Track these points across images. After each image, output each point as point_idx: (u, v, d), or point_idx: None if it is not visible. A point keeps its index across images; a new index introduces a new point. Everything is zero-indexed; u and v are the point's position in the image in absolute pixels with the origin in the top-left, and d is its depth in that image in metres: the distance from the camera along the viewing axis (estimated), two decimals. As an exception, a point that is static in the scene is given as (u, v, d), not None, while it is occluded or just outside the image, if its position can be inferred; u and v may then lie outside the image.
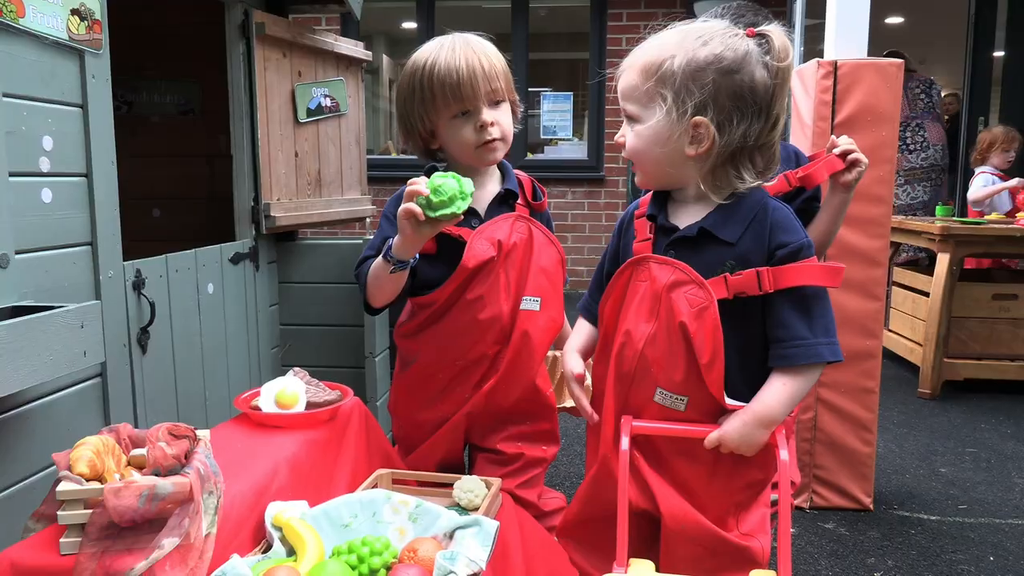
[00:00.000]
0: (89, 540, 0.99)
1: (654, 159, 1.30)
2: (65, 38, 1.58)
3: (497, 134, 1.58)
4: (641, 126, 1.29)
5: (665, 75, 1.24)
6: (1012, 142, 4.94)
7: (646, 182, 1.37)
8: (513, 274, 1.61)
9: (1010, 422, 3.56)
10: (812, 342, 1.26)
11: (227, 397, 2.31)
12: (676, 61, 1.24)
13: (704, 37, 1.24)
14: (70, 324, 1.41)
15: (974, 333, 3.94)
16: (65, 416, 1.60)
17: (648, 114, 1.28)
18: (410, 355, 1.70)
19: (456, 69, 1.51)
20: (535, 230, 1.65)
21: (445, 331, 1.63)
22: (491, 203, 1.66)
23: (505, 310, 1.61)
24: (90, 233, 1.68)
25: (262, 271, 2.53)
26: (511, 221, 1.63)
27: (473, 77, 1.52)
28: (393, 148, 8.13)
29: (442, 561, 1.13)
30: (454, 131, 1.58)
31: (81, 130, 1.65)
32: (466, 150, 1.59)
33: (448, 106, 1.55)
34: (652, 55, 1.26)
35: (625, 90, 1.31)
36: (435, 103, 1.55)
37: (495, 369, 1.64)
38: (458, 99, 1.53)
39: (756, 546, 1.35)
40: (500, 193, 1.66)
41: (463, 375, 1.65)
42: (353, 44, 2.91)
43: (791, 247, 1.26)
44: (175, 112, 3.05)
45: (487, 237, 1.59)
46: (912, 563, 2.25)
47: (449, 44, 1.56)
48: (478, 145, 1.58)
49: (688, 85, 1.23)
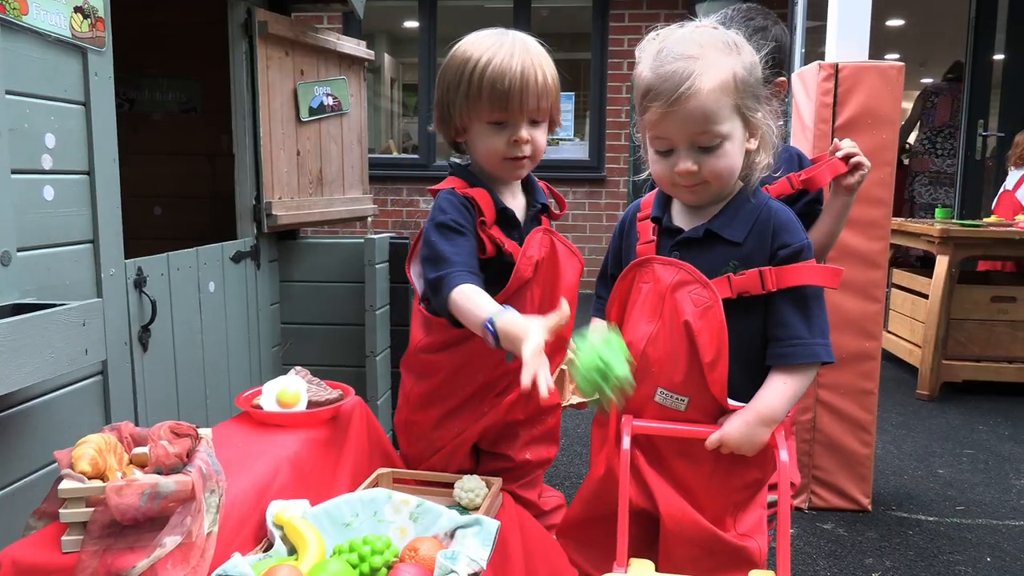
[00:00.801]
0: (91, 538, 1.00)
1: (736, 170, 1.31)
2: (68, 36, 1.58)
3: (528, 152, 1.50)
4: (730, 143, 1.26)
5: (744, 84, 1.26)
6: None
7: (713, 197, 1.33)
8: (539, 291, 1.55)
9: (1008, 424, 3.57)
10: (810, 342, 1.29)
11: (228, 396, 2.32)
12: (741, 69, 1.26)
13: (728, 40, 1.28)
14: (72, 322, 1.42)
15: (973, 335, 3.94)
16: (66, 414, 1.60)
17: (734, 129, 1.27)
18: (430, 371, 1.60)
19: (509, 76, 1.42)
20: (557, 243, 1.59)
21: (471, 350, 1.53)
22: (526, 218, 1.60)
23: None
24: (92, 231, 1.69)
25: (263, 270, 2.53)
26: (539, 236, 1.55)
27: (524, 90, 1.43)
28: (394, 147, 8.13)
29: (443, 560, 1.13)
30: (486, 136, 1.50)
31: (84, 128, 1.65)
32: (493, 159, 1.52)
33: (489, 111, 1.47)
34: (719, 72, 1.23)
35: (708, 115, 1.23)
36: (478, 103, 1.46)
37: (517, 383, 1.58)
38: (502, 108, 1.45)
39: (753, 546, 1.36)
40: (537, 208, 1.61)
41: (482, 391, 1.58)
42: (355, 43, 2.91)
43: (793, 247, 1.29)
44: (177, 110, 3.06)
45: (527, 255, 1.52)
46: (910, 564, 2.25)
47: (509, 45, 1.46)
48: (506, 158, 1.50)
49: (757, 88, 1.28)
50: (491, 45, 1.46)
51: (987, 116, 6.30)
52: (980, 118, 6.25)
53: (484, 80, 1.43)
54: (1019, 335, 3.92)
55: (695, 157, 1.27)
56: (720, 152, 1.26)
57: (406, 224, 6.87)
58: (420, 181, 6.85)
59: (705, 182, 1.29)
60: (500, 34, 1.49)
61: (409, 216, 6.91)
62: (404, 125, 9.38)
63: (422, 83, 6.93)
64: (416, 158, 7.13)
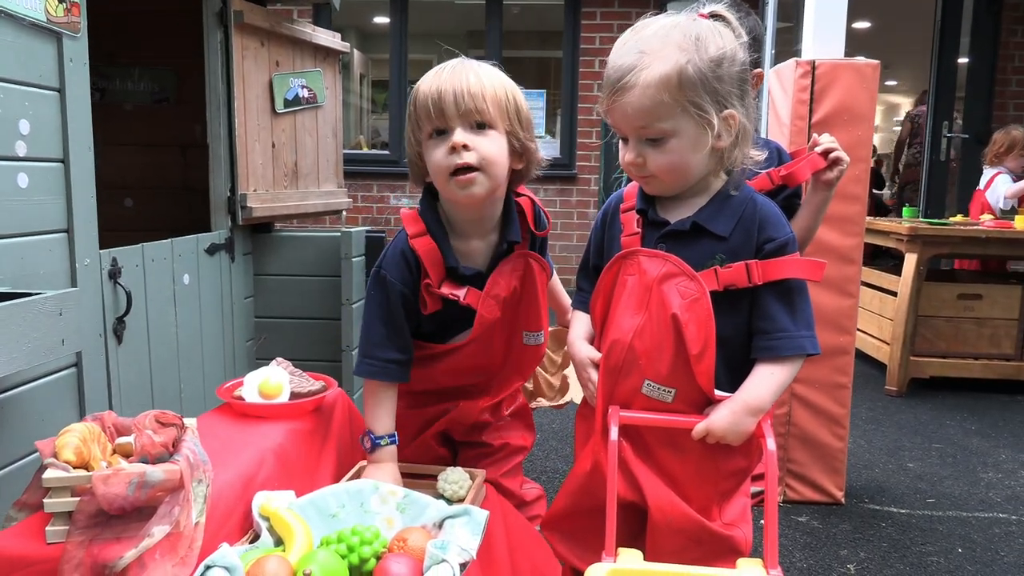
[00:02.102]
0: (77, 528, 0.97)
1: (690, 167, 1.29)
2: (43, 20, 1.55)
3: (471, 160, 1.39)
4: (675, 140, 1.25)
5: (689, 83, 1.22)
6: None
7: (669, 190, 1.34)
8: (508, 316, 1.54)
9: (974, 419, 3.64)
10: (796, 334, 1.30)
11: (202, 389, 2.28)
12: (695, 66, 1.22)
13: (699, 36, 1.24)
14: (48, 311, 1.38)
15: (940, 332, 4.01)
16: (40, 407, 1.57)
17: (681, 126, 1.25)
18: None
19: (440, 86, 1.40)
20: (534, 264, 1.56)
21: (435, 372, 1.57)
22: (492, 259, 1.54)
23: (503, 349, 1.57)
24: (66, 220, 1.65)
25: (237, 263, 2.50)
26: (509, 267, 1.53)
27: (457, 94, 1.39)
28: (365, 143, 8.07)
29: (433, 550, 1.13)
30: (430, 153, 1.44)
31: (58, 115, 1.62)
32: (439, 177, 1.43)
33: (427, 123, 1.42)
34: (664, 68, 1.22)
35: (644, 110, 1.24)
36: (418, 121, 1.44)
37: (486, 392, 1.61)
38: (434, 116, 1.40)
39: (739, 535, 1.37)
40: (503, 249, 1.54)
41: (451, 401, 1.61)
42: (331, 35, 2.88)
43: (779, 241, 1.30)
44: (149, 101, 3.00)
45: (492, 296, 1.50)
46: (884, 555, 2.28)
47: (449, 65, 1.44)
48: (450, 171, 1.40)
49: (716, 85, 1.24)
50: (434, 70, 1.45)
51: (952, 118, 6.42)
52: (945, 120, 6.37)
53: (419, 95, 1.42)
54: (984, 332, 4.00)
55: (639, 149, 1.29)
56: (665, 147, 1.26)
57: (376, 220, 6.82)
58: (390, 178, 6.81)
59: (653, 175, 1.30)
60: (446, 63, 1.47)
61: (379, 213, 6.87)
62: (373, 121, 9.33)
63: (392, 79, 6.89)
64: (387, 154, 7.09)
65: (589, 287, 1.46)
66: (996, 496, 2.75)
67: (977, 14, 6.37)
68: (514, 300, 1.55)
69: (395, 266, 1.49)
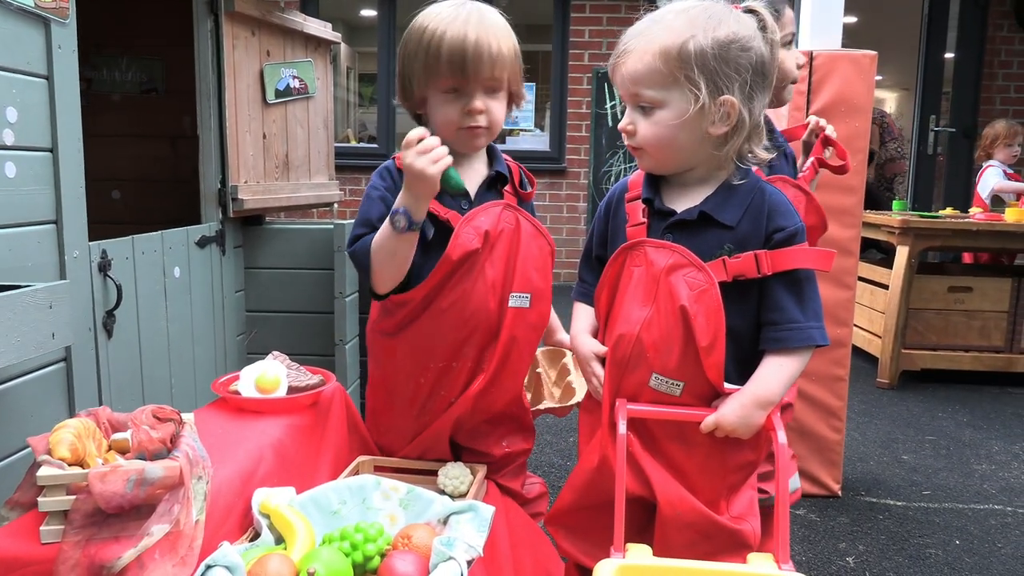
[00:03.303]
0: (73, 527, 0.94)
1: (678, 144, 1.27)
2: (31, 5, 1.50)
3: (483, 123, 1.48)
4: (664, 112, 1.25)
5: (690, 57, 1.21)
6: (1015, 136, 4.94)
7: (657, 167, 1.33)
8: (499, 268, 1.50)
9: (965, 410, 3.65)
10: (805, 325, 1.28)
11: (193, 384, 2.24)
12: (697, 42, 1.21)
13: (715, 17, 1.23)
14: (39, 304, 1.34)
15: (930, 324, 4.02)
16: (27, 403, 1.52)
17: (672, 98, 1.24)
18: (386, 357, 1.57)
19: (462, 45, 1.41)
20: (523, 220, 1.54)
21: (424, 330, 1.50)
22: (480, 186, 1.55)
23: (491, 307, 1.49)
24: (55, 211, 1.61)
25: (228, 255, 2.46)
26: (499, 210, 1.51)
27: (477, 58, 1.42)
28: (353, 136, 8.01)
29: (440, 547, 1.10)
30: (442, 106, 1.48)
31: (47, 102, 1.57)
32: (448, 128, 1.49)
33: (444, 79, 1.45)
34: (668, 38, 1.22)
35: (638, 75, 1.25)
36: (433, 72, 1.45)
37: (482, 370, 1.52)
38: (455, 75, 1.44)
39: (748, 529, 1.35)
40: (491, 176, 1.56)
41: (447, 378, 1.53)
42: (321, 25, 2.84)
43: (788, 231, 1.28)
44: (137, 91, 2.94)
45: (474, 226, 1.47)
46: (882, 548, 2.28)
47: (465, 15, 1.45)
48: (460, 127, 1.49)
49: (716, 65, 1.22)
50: (448, 15, 1.45)
51: (939, 112, 6.44)
52: (932, 114, 6.39)
53: (441, 49, 1.42)
54: (974, 324, 4.01)
55: (633, 115, 1.30)
56: (654, 117, 1.26)
57: (365, 214, 6.77)
58: (379, 171, 6.76)
59: (641, 148, 1.30)
60: (458, 5, 1.47)
61: (368, 206, 6.82)
62: (360, 115, 9.26)
63: (381, 72, 6.83)
64: (375, 147, 7.03)
65: (592, 278, 1.43)
66: (991, 488, 2.75)
67: (964, 9, 6.40)
68: (502, 248, 1.50)
69: (381, 179, 1.52)
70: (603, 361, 1.35)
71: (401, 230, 1.38)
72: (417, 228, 1.40)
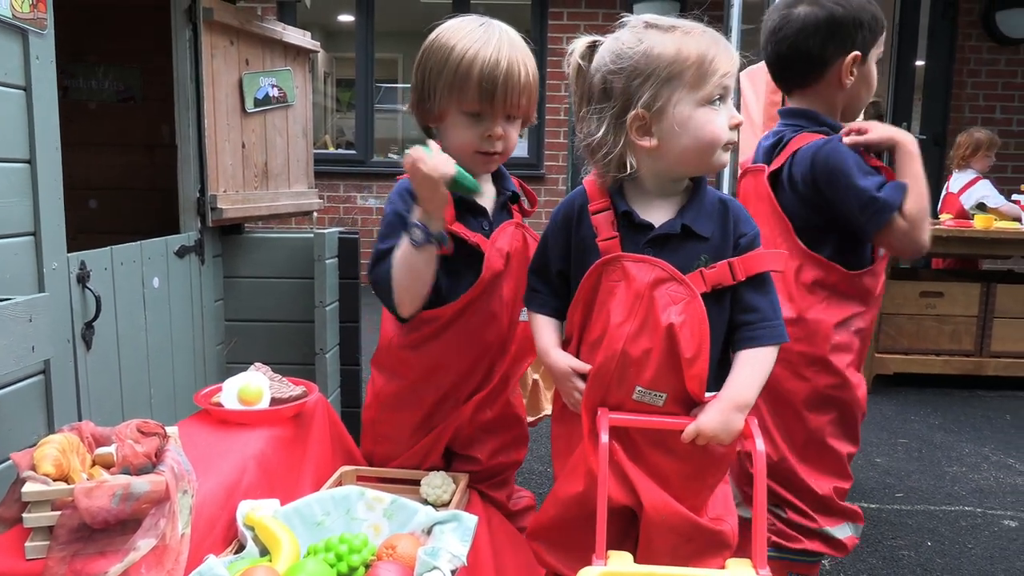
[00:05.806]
0: (58, 543, 0.94)
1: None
2: (8, 16, 1.50)
3: (500, 148, 1.51)
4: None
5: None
6: (994, 147, 4.92)
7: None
8: (513, 286, 1.54)
9: (937, 414, 3.71)
10: (776, 323, 1.33)
11: (172, 394, 2.23)
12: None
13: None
14: (18, 317, 1.34)
15: (902, 329, 4.08)
16: (6, 416, 1.51)
17: None
18: (404, 370, 1.57)
19: (494, 72, 1.41)
20: (529, 239, 1.58)
21: (445, 346, 1.52)
22: (495, 206, 1.58)
23: (504, 324, 1.54)
24: (33, 222, 1.60)
25: (207, 265, 2.45)
26: (511, 229, 1.55)
27: (507, 85, 1.43)
28: (331, 142, 7.99)
29: (424, 557, 1.11)
30: (461, 127, 1.48)
31: (24, 113, 1.57)
32: (464, 151, 1.49)
33: (469, 101, 1.45)
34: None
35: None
36: (459, 92, 1.44)
37: (488, 381, 1.57)
38: (482, 100, 1.44)
39: (727, 529, 1.38)
40: (507, 196, 1.58)
41: (456, 389, 1.57)
42: (301, 33, 2.84)
43: (750, 235, 1.33)
44: (115, 99, 2.93)
45: (497, 248, 1.51)
46: (856, 550, 2.29)
47: (496, 39, 1.44)
48: (477, 151, 1.50)
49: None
50: (478, 37, 1.44)
51: (910, 119, 6.54)
52: (904, 121, 6.49)
53: (470, 71, 1.42)
54: (945, 329, 4.08)
55: None
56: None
57: (343, 221, 6.76)
58: (357, 177, 6.75)
59: None
60: (485, 25, 1.47)
61: (347, 213, 6.81)
62: (338, 120, 9.24)
63: (359, 78, 6.83)
64: (353, 154, 7.02)
65: (547, 290, 1.42)
66: (961, 489, 2.81)
67: (933, 19, 6.51)
68: (515, 267, 1.54)
69: (402, 202, 1.48)
70: (583, 376, 1.34)
71: (419, 243, 1.38)
72: (434, 241, 1.39)
